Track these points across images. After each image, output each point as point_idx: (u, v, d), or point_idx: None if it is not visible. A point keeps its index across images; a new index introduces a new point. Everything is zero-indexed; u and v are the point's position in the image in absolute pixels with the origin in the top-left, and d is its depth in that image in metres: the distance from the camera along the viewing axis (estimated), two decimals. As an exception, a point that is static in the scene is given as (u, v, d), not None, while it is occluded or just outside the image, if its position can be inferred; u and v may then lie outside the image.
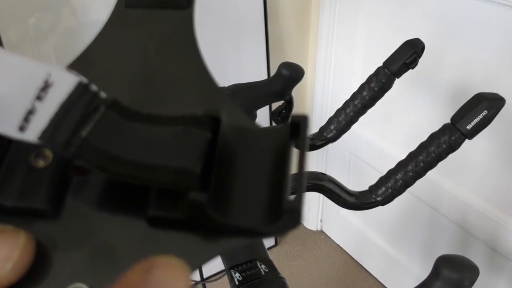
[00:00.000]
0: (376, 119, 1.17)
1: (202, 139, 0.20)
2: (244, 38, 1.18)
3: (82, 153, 0.19)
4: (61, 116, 0.19)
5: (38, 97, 0.18)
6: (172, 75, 0.25)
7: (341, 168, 1.40)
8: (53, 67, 0.19)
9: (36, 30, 0.94)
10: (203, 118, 0.21)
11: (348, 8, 1.19)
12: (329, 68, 1.31)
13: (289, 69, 0.70)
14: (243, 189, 0.21)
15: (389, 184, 0.54)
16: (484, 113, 0.48)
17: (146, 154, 0.20)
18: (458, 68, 0.96)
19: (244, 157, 0.22)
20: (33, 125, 0.18)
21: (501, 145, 0.94)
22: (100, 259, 0.20)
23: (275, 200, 0.20)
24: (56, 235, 0.21)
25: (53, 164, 0.22)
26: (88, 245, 0.21)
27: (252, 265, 0.48)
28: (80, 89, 0.19)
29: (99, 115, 0.19)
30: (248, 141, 0.22)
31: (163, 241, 0.21)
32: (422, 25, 1.01)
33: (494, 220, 0.99)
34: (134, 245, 0.21)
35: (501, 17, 0.85)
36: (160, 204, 0.21)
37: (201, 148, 0.20)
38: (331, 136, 0.65)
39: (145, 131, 0.20)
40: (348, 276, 1.46)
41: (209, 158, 0.20)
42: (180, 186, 0.20)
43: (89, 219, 0.21)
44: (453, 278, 0.42)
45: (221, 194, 0.21)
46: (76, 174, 0.22)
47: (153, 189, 0.21)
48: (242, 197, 0.21)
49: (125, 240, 0.21)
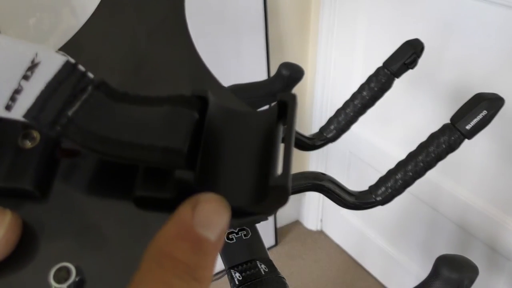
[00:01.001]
0: (376, 119, 1.17)
1: (189, 119, 0.20)
2: (244, 38, 1.18)
3: (68, 132, 0.19)
4: (47, 95, 0.18)
5: (25, 76, 0.18)
6: (162, 59, 0.25)
7: (341, 168, 1.40)
8: (40, 47, 0.19)
9: (37, 31, 0.94)
10: (190, 98, 0.21)
11: (348, 8, 1.19)
12: (329, 68, 1.32)
13: (289, 69, 0.70)
14: (229, 168, 0.21)
15: (388, 184, 0.54)
16: (483, 113, 0.48)
17: (133, 133, 0.19)
18: (457, 68, 0.96)
19: (231, 137, 0.22)
20: (19, 104, 0.18)
21: (501, 145, 0.94)
22: (86, 239, 0.20)
23: (262, 179, 0.20)
24: (43, 216, 0.21)
25: (41, 145, 0.22)
26: (75, 226, 0.21)
27: (252, 264, 0.49)
28: (67, 69, 0.19)
29: (86, 95, 0.19)
30: (235, 121, 0.22)
31: (150, 221, 0.21)
32: (422, 25, 1.01)
33: (494, 220, 0.99)
34: (120, 226, 0.21)
35: (500, 17, 0.85)
36: (147, 184, 0.21)
37: (188, 127, 0.20)
38: (331, 136, 0.65)
39: (132, 111, 0.20)
40: (348, 276, 1.46)
41: (196, 138, 0.20)
42: (167, 165, 0.20)
43: (77, 201, 0.21)
44: (453, 278, 0.42)
45: (208, 174, 0.21)
46: (65, 156, 0.22)
47: (140, 170, 0.21)
48: (229, 177, 0.21)
49: (112, 221, 0.21)
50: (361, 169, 1.32)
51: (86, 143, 0.19)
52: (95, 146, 0.19)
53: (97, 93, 0.20)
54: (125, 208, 0.21)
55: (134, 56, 0.25)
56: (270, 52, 1.23)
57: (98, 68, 0.22)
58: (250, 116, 0.22)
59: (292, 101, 0.21)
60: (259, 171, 0.21)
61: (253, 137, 0.21)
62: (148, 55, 0.25)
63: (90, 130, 0.19)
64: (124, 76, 0.24)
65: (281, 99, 0.21)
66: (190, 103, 0.20)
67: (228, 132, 0.22)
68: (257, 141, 0.21)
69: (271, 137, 0.21)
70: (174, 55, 0.25)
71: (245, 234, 0.50)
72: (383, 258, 1.39)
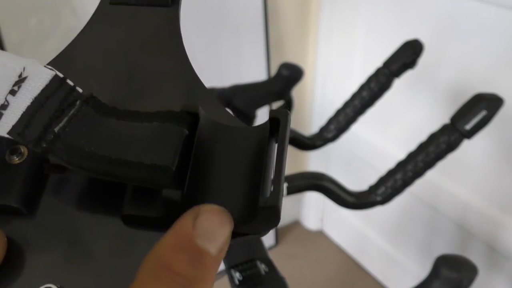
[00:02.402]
0: (376, 119, 1.17)
1: (178, 136, 0.19)
2: (244, 38, 1.18)
3: (54, 149, 0.18)
4: (33, 110, 0.18)
5: (12, 91, 0.18)
6: (155, 72, 0.24)
7: (341, 168, 1.40)
8: (28, 61, 0.18)
9: (37, 31, 0.94)
10: (180, 114, 0.20)
11: (348, 8, 1.19)
12: (329, 68, 1.32)
13: (289, 70, 0.70)
14: (219, 187, 0.20)
15: (388, 183, 0.54)
16: (483, 113, 0.49)
17: (121, 150, 0.19)
18: (457, 68, 0.96)
19: (221, 154, 0.21)
20: (4, 120, 0.18)
21: (501, 145, 0.94)
22: (73, 258, 0.20)
23: (252, 198, 0.20)
24: (29, 233, 0.20)
25: (28, 161, 0.21)
26: (62, 244, 0.20)
27: (252, 264, 0.49)
28: (55, 84, 0.19)
29: (74, 110, 0.19)
30: (226, 137, 0.21)
31: (138, 239, 0.20)
32: (422, 25, 1.01)
33: (493, 220, 0.99)
34: (108, 244, 0.20)
35: (500, 17, 0.85)
36: (135, 202, 0.20)
37: (177, 144, 0.19)
38: (331, 136, 0.65)
39: (120, 127, 0.19)
40: (348, 276, 1.46)
41: (186, 155, 0.20)
42: (155, 183, 0.19)
43: (64, 218, 0.21)
44: (452, 278, 0.43)
45: (197, 192, 0.20)
46: (53, 171, 0.22)
47: (128, 187, 0.21)
48: (217, 196, 0.20)
49: (100, 238, 0.20)
50: (361, 169, 1.32)
51: (72, 160, 0.18)
52: (81, 163, 0.19)
53: (86, 108, 0.19)
54: (113, 226, 0.21)
55: (126, 69, 0.25)
56: (270, 52, 1.23)
57: (89, 81, 0.22)
58: (242, 133, 0.22)
59: (284, 118, 0.20)
60: (250, 190, 0.20)
61: (244, 154, 0.21)
62: (141, 67, 0.25)
63: (76, 146, 0.18)
64: (115, 89, 0.24)
65: (272, 116, 0.21)
66: (180, 119, 0.20)
67: (218, 149, 0.21)
68: (248, 159, 0.21)
69: (262, 155, 0.20)
70: (167, 67, 0.25)
71: (245, 234, 0.50)
72: (383, 258, 1.39)
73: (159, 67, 0.25)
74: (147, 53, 0.25)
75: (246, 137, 0.21)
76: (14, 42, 0.91)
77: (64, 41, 1.00)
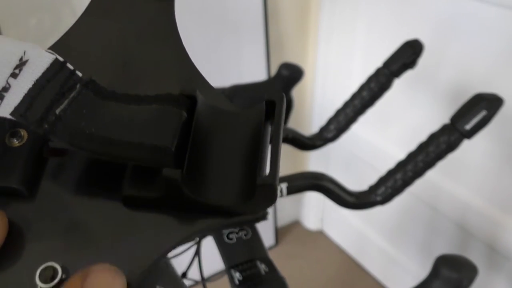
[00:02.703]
0: (376, 119, 1.17)
1: (177, 117, 0.20)
2: (244, 38, 1.18)
3: (55, 130, 0.19)
4: (35, 93, 0.18)
5: (13, 74, 0.18)
6: (152, 59, 0.25)
7: (341, 168, 1.40)
8: (28, 45, 0.19)
9: (37, 31, 0.94)
10: (178, 97, 0.21)
11: (348, 8, 1.19)
12: (329, 68, 1.32)
13: (289, 70, 0.70)
14: (217, 167, 0.21)
15: (388, 183, 0.54)
16: (483, 113, 0.49)
17: (121, 131, 0.19)
18: (457, 68, 0.96)
19: (219, 137, 0.22)
20: (6, 102, 0.18)
21: (501, 145, 0.94)
22: (74, 239, 0.20)
23: (249, 178, 0.20)
24: (30, 215, 0.21)
25: (28, 144, 0.22)
26: (62, 225, 0.21)
27: (252, 264, 0.49)
28: (55, 67, 0.19)
29: (74, 93, 0.19)
30: (223, 120, 0.22)
31: (138, 220, 0.21)
32: (422, 25, 1.01)
33: (493, 220, 0.99)
34: (108, 225, 0.21)
35: (500, 17, 0.85)
36: (135, 183, 0.21)
37: (176, 126, 0.20)
38: (331, 136, 0.65)
39: (120, 110, 0.20)
40: (348, 276, 1.46)
41: (185, 137, 0.20)
42: (155, 163, 0.20)
43: (65, 200, 0.21)
44: (452, 278, 0.43)
45: (196, 173, 0.21)
46: (52, 155, 0.22)
47: (128, 169, 0.21)
48: (216, 176, 0.21)
49: (100, 220, 0.21)
50: (361, 169, 1.33)
51: (74, 141, 0.19)
52: (82, 144, 0.19)
53: (85, 91, 0.19)
54: (113, 207, 0.21)
55: (123, 56, 0.25)
56: (270, 52, 1.23)
57: (86, 67, 0.22)
58: (238, 116, 0.22)
59: (279, 100, 0.21)
60: (247, 170, 0.21)
61: (241, 136, 0.21)
62: (137, 55, 0.25)
63: (77, 128, 0.19)
64: (112, 75, 0.24)
65: (268, 98, 0.21)
66: (178, 101, 0.21)
67: (216, 132, 0.22)
68: (245, 140, 0.21)
69: (259, 137, 0.21)
70: (163, 55, 0.25)
71: (245, 234, 0.50)
72: (383, 258, 1.39)
73: (156, 55, 0.25)
74: (144, 42, 0.26)
75: (243, 119, 0.22)
76: (14, 42, 0.92)
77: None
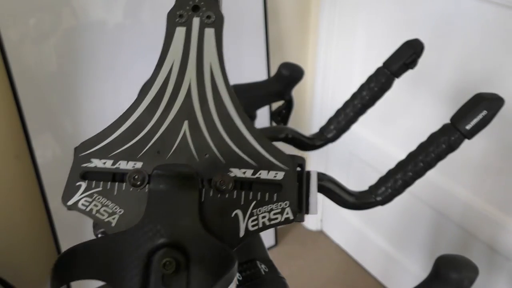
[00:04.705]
0: (376, 119, 1.17)
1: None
2: (244, 38, 1.18)
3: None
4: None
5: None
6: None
7: (341, 168, 1.40)
8: None
9: (37, 31, 0.94)
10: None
11: (348, 8, 1.19)
12: (329, 68, 1.32)
13: (289, 69, 0.70)
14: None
15: (388, 184, 0.54)
16: (483, 113, 0.48)
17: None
18: (457, 68, 0.96)
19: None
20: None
21: (501, 145, 0.94)
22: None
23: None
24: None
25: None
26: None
27: (252, 264, 0.49)
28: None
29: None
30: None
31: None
32: (422, 25, 1.01)
33: (494, 220, 0.99)
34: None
35: (500, 17, 0.85)
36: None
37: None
38: (331, 136, 0.65)
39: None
40: (348, 276, 1.46)
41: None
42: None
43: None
44: (453, 278, 0.42)
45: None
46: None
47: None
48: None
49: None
50: (361, 169, 1.32)
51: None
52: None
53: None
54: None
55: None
56: (270, 52, 1.23)
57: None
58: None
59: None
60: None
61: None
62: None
63: None
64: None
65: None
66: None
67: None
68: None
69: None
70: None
71: (245, 234, 0.50)
72: (383, 258, 1.39)
73: None
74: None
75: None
76: (13, 42, 0.91)
77: (64, 40, 1.00)
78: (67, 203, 0.26)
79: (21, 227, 1.10)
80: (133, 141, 0.26)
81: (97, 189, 0.25)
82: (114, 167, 0.25)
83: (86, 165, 0.26)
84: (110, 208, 0.25)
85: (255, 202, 0.25)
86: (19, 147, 1.01)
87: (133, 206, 0.25)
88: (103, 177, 0.26)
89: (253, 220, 0.25)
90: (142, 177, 0.25)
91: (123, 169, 0.25)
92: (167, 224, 0.23)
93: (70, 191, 0.26)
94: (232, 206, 0.25)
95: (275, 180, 0.25)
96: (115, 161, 0.26)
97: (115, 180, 0.26)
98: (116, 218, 0.25)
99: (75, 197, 0.26)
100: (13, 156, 1.02)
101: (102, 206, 0.25)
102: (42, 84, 0.97)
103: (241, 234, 0.24)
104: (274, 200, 0.25)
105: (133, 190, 0.25)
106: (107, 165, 0.26)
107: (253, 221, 0.25)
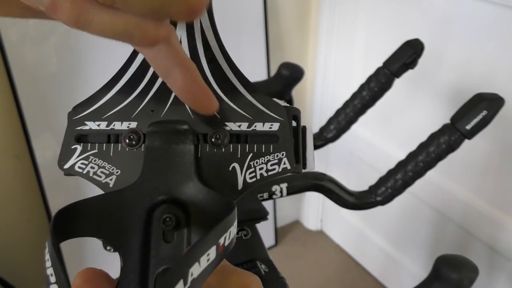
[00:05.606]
0: (376, 119, 1.17)
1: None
2: (244, 38, 1.18)
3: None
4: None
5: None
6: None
7: (341, 168, 1.40)
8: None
9: (37, 30, 0.94)
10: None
11: (348, 8, 1.19)
12: (329, 68, 1.31)
13: (289, 69, 0.70)
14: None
15: (389, 184, 0.54)
16: (483, 113, 0.48)
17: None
18: (457, 68, 0.96)
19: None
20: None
21: (501, 145, 0.94)
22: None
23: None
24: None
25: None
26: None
27: (252, 264, 0.48)
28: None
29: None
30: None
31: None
32: (422, 25, 1.01)
33: (494, 220, 0.99)
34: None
35: (500, 17, 0.85)
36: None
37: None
38: (331, 136, 0.65)
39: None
40: (348, 276, 1.46)
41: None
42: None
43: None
44: (453, 278, 0.42)
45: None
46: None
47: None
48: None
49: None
50: (361, 169, 1.32)
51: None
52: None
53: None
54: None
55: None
56: (270, 52, 1.23)
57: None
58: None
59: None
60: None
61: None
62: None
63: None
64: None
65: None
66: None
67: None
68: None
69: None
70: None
71: (245, 234, 0.50)
72: (383, 258, 1.39)
73: None
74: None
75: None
76: (13, 41, 0.91)
77: (63, 40, 1.00)
78: (63, 167, 0.26)
79: (21, 227, 1.10)
80: (126, 101, 0.26)
81: (93, 151, 0.25)
82: (108, 128, 0.25)
83: (81, 128, 0.26)
84: (107, 169, 0.25)
85: (252, 154, 0.25)
86: (19, 147, 1.01)
87: (130, 166, 0.25)
88: (98, 139, 0.26)
89: (251, 172, 0.25)
90: (137, 136, 0.25)
91: (118, 129, 0.25)
92: (165, 181, 0.23)
93: (66, 155, 0.26)
94: (229, 159, 0.25)
95: (270, 131, 0.25)
96: (109, 122, 0.26)
97: (110, 141, 0.25)
98: (114, 179, 0.25)
99: (71, 160, 0.25)
100: (13, 156, 1.02)
101: (99, 167, 0.25)
102: (42, 84, 0.97)
103: (240, 186, 0.24)
104: (270, 151, 0.25)
105: (129, 150, 0.25)
106: (102, 127, 0.26)
107: (251, 173, 0.24)
